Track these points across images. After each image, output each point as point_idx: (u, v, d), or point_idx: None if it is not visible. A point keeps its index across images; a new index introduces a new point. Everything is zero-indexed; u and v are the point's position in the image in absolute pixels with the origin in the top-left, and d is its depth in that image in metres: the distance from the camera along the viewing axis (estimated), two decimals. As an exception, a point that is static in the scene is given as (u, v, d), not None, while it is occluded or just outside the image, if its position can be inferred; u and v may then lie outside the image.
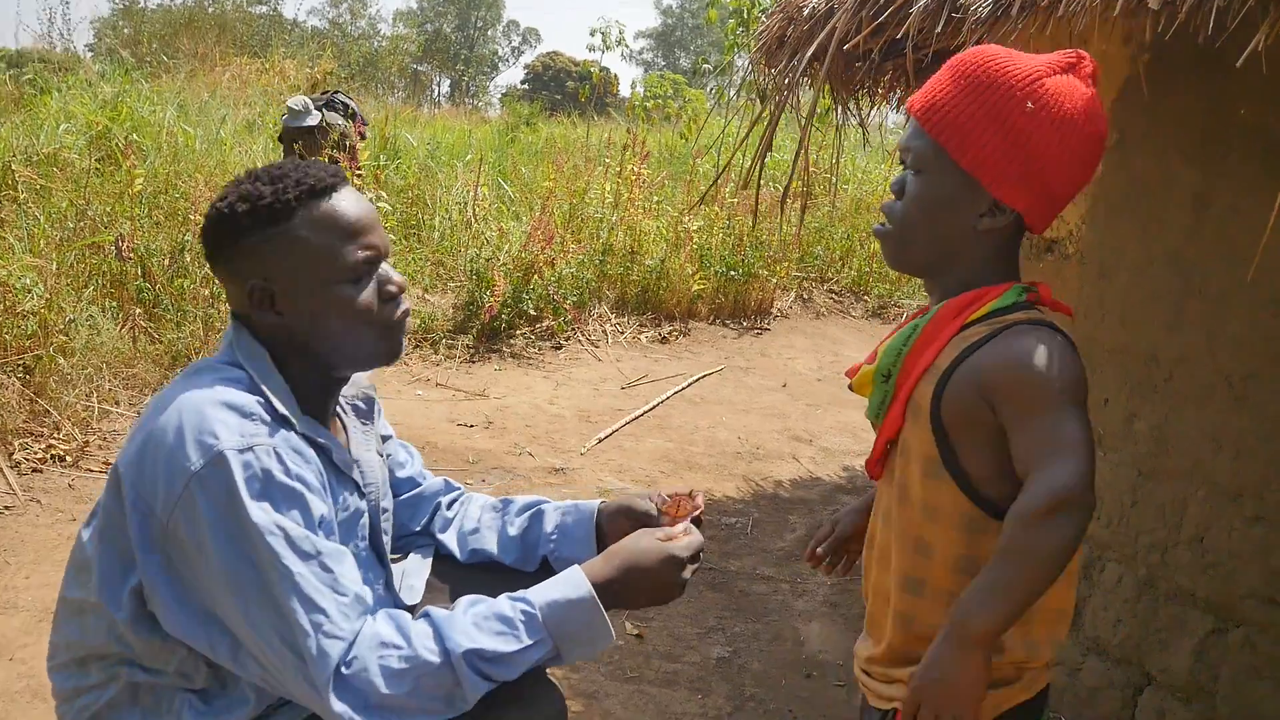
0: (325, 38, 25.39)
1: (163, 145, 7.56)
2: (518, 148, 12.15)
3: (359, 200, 1.46)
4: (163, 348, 5.17)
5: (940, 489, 1.33)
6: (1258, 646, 2.05)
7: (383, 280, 1.47)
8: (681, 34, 54.03)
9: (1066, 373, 1.25)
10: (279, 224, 1.40)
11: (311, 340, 1.44)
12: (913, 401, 1.36)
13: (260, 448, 1.31)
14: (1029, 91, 1.27)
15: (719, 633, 3.10)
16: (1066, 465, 1.20)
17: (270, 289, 1.42)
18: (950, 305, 1.35)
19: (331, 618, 1.28)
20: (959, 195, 1.32)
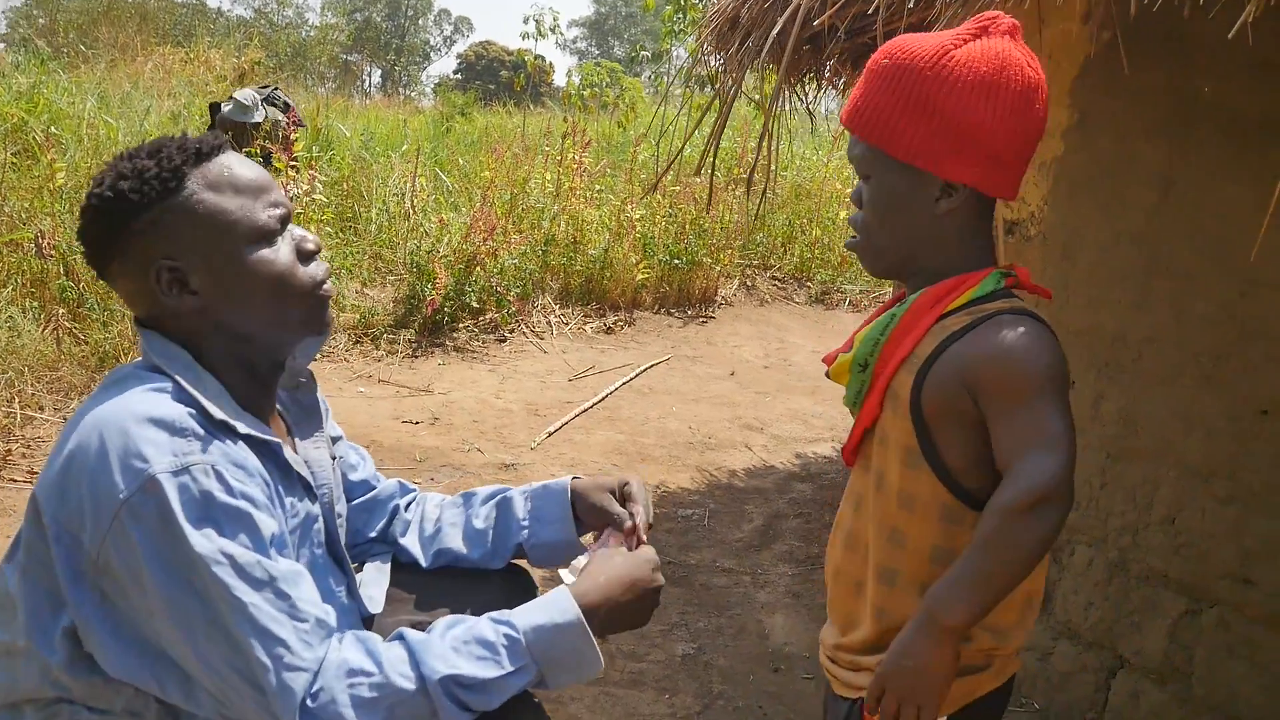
0: (251, 27, 24.78)
1: (83, 138, 7.28)
2: (454, 138, 11.96)
3: (248, 161, 1.34)
4: (89, 349, 4.96)
5: (918, 479, 1.30)
6: (1232, 626, 2.04)
7: (297, 239, 1.35)
8: (615, 22, 53.83)
9: (1049, 364, 1.23)
10: (172, 194, 1.26)
11: (233, 318, 1.31)
12: (891, 391, 1.33)
13: (196, 467, 1.18)
14: (938, 66, 1.25)
15: (682, 629, 3.04)
16: (1048, 459, 1.19)
17: (178, 267, 1.27)
18: (928, 293, 1.33)
19: (292, 648, 1.18)
20: (908, 188, 1.30)
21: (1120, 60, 2.29)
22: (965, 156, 1.26)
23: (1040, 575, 1.34)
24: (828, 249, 8.90)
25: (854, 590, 1.41)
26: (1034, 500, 1.17)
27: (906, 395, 1.30)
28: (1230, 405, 2.05)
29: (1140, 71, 2.24)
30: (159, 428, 1.19)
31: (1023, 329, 1.24)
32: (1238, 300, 2.04)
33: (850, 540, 1.42)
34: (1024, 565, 1.21)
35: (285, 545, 1.29)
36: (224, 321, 1.31)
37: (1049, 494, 1.18)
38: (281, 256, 1.32)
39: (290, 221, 1.36)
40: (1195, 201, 2.13)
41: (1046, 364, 1.22)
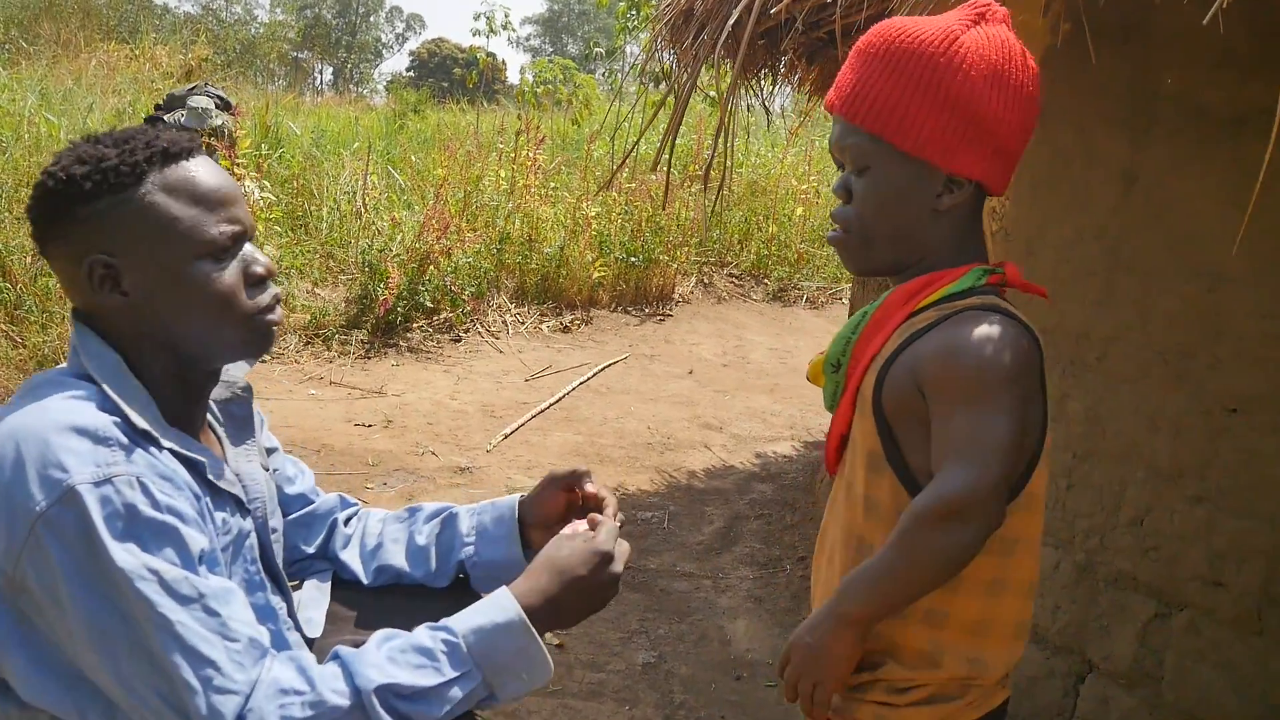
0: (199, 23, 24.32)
1: (23, 135, 7.07)
2: (406, 135, 11.79)
3: (218, 169, 1.25)
4: (27, 352, 4.80)
5: (881, 483, 1.24)
6: (1202, 630, 2.00)
7: (248, 260, 1.26)
8: (569, 19, 53.60)
9: (1003, 366, 1.14)
10: (126, 189, 1.18)
11: (163, 328, 1.22)
12: (860, 393, 1.27)
13: (120, 478, 1.09)
14: (951, 53, 1.17)
15: (642, 636, 2.96)
16: (969, 470, 1.12)
17: (113, 264, 1.19)
18: (901, 290, 1.26)
19: (222, 669, 1.08)
20: (911, 182, 1.22)
21: (1082, 53, 2.25)
22: (976, 149, 1.20)
23: (1027, 602, 1.28)
24: (784, 246, 8.88)
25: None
26: (944, 512, 1.12)
27: (870, 395, 1.24)
28: (1198, 403, 2.01)
29: (1101, 64, 2.20)
30: (80, 436, 1.10)
31: (983, 326, 1.16)
32: (1204, 296, 2.00)
33: (831, 552, 1.36)
34: (928, 575, 1.16)
35: (216, 562, 1.21)
36: (152, 330, 1.23)
37: (962, 507, 1.11)
38: (226, 277, 1.23)
39: (248, 240, 1.27)
40: (1159, 196, 2.09)
41: (999, 365, 1.14)
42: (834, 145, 1.28)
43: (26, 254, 5.26)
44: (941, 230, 1.24)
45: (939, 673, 1.24)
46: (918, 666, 1.25)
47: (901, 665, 1.26)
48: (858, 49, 1.25)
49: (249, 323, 1.26)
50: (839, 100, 1.24)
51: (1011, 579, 1.27)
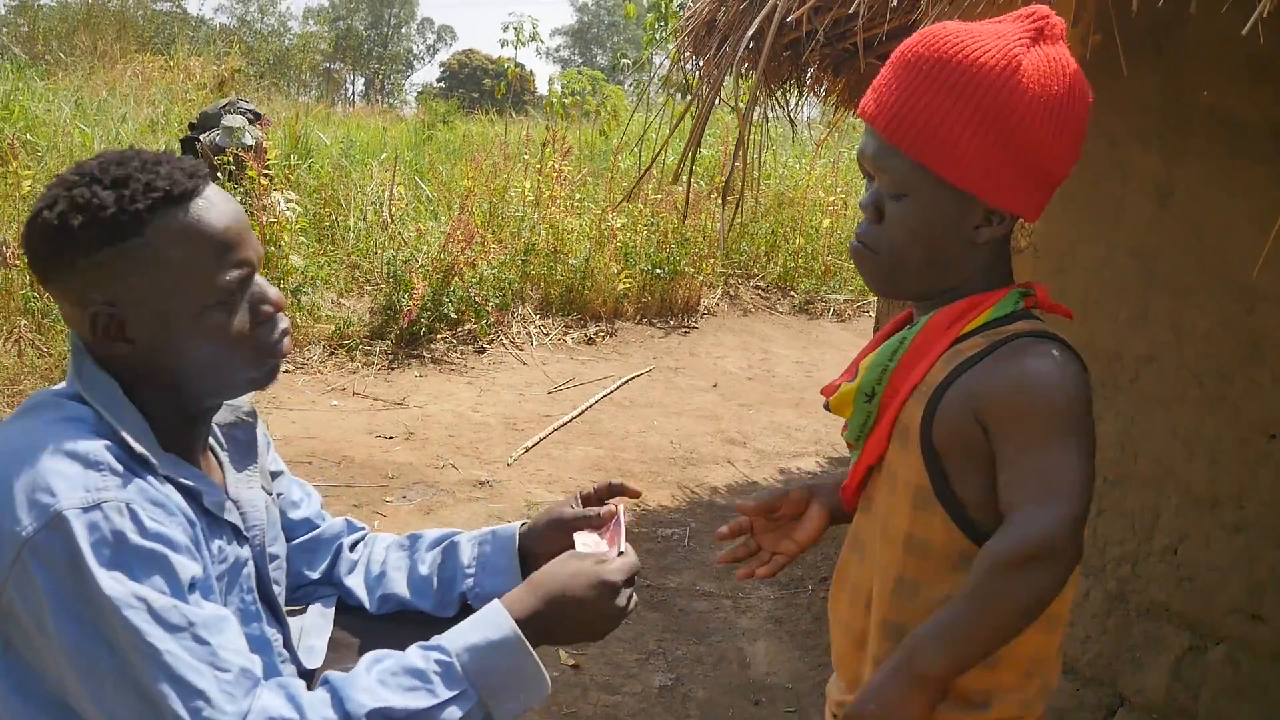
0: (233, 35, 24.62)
1: (58, 145, 7.15)
2: (435, 146, 11.83)
3: (225, 202, 1.19)
4: (51, 361, 4.81)
5: (930, 522, 1.17)
6: (1240, 665, 1.92)
7: (257, 299, 1.22)
8: (598, 31, 53.80)
9: (1073, 398, 1.09)
10: (127, 239, 1.13)
11: (172, 370, 1.19)
12: (899, 424, 1.19)
13: (109, 504, 1.05)
14: (1012, 81, 1.08)
15: (660, 658, 2.90)
16: (1053, 508, 1.05)
17: (119, 316, 1.15)
18: (942, 315, 1.18)
19: (212, 700, 1.04)
20: (953, 213, 1.14)
21: (1112, 65, 2.18)
22: (1024, 184, 1.13)
23: (1059, 633, 1.22)
24: (811, 258, 8.80)
25: (858, 645, 1.29)
26: (1031, 554, 1.05)
27: (916, 428, 1.16)
28: (1235, 428, 1.93)
29: (1134, 77, 2.13)
30: (70, 460, 1.07)
31: (1044, 356, 1.11)
32: (1242, 316, 1.92)
33: (855, 593, 1.29)
34: (1014, 622, 1.09)
35: (211, 591, 1.17)
36: (159, 370, 1.19)
37: (1049, 549, 1.05)
38: (237, 322, 1.19)
39: (256, 271, 1.23)
40: (1195, 213, 2.02)
41: (1069, 399, 1.09)
42: (867, 159, 1.18)
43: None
44: (974, 260, 1.18)
45: (988, 714, 1.18)
46: (968, 709, 1.19)
47: (952, 708, 1.20)
48: (905, 59, 1.15)
49: (258, 360, 1.23)
50: (881, 116, 1.15)
51: (1059, 612, 1.21)
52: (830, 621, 1.38)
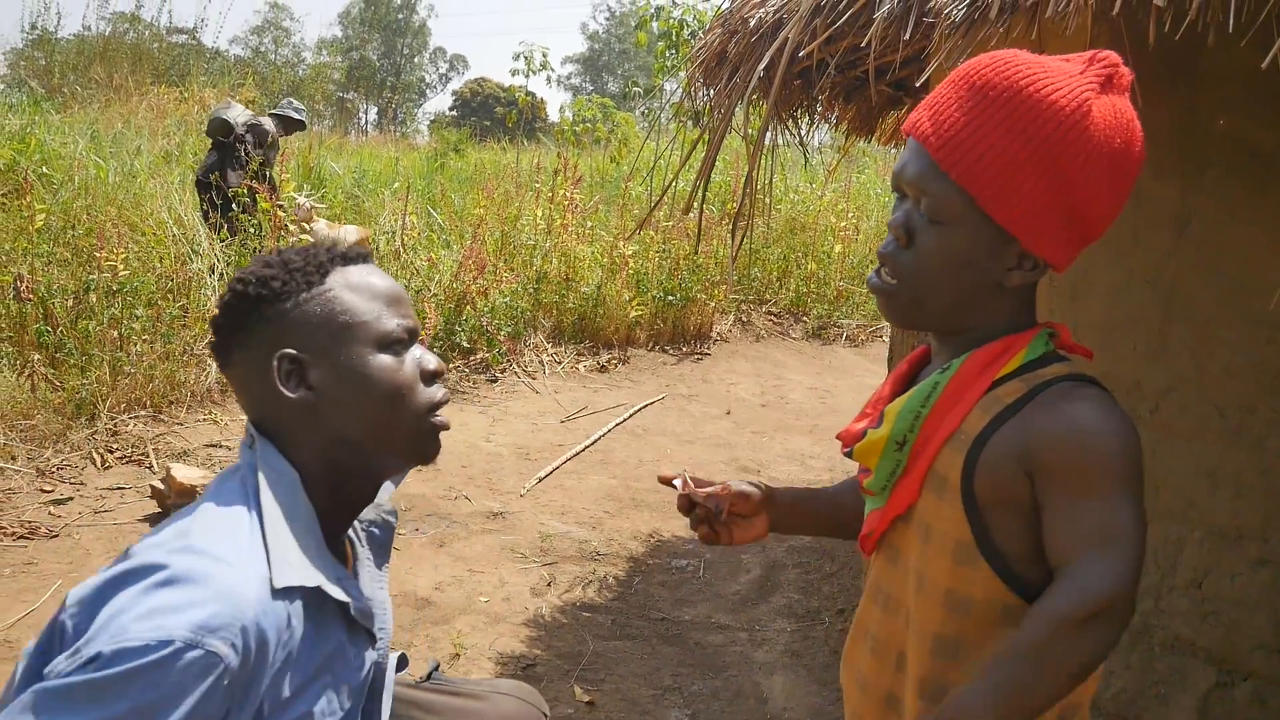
0: (248, 66, 24.85)
1: (73, 178, 7.20)
2: (447, 175, 11.90)
3: (387, 275, 1.31)
4: (65, 395, 4.81)
5: (973, 577, 1.12)
6: (1268, 702, 1.88)
7: (420, 358, 1.28)
8: (608, 59, 54.13)
9: (1124, 446, 1.05)
10: (312, 287, 1.23)
11: (343, 423, 1.22)
12: (934, 473, 1.14)
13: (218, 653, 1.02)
14: (1081, 129, 1.04)
15: (676, 693, 2.87)
16: (1113, 564, 1.01)
17: (301, 359, 1.21)
18: (975, 359, 1.14)
19: None
20: (988, 250, 1.10)
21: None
22: (1066, 234, 1.09)
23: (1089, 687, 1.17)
24: (823, 283, 8.78)
25: (884, 704, 1.24)
26: (1092, 611, 1.00)
27: (956, 479, 1.11)
28: (1259, 461, 1.90)
29: (1150, 106, 2.12)
30: (214, 596, 1.04)
31: (1091, 403, 1.06)
32: (1263, 347, 1.90)
33: (879, 648, 1.24)
34: (1070, 683, 1.03)
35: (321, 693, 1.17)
36: (332, 426, 1.22)
37: (1110, 605, 1.00)
38: (405, 369, 1.25)
39: (417, 340, 1.30)
40: (1213, 242, 1.99)
41: (1124, 448, 1.05)
42: (908, 178, 1.13)
43: (69, 296, 5.31)
44: (1001, 303, 1.15)
45: None
46: None
47: None
48: (971, 81, 1.10)
49: (423, 418, 1.26)
50: (936, 136, 1.09)
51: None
52: (844, 676, 1.34)
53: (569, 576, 3.66)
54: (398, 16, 47.85)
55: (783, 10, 2.14)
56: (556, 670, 2.94)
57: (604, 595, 3.53)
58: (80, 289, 5.36)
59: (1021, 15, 1.54)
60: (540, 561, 3.77)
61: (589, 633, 3.19)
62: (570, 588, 3.56)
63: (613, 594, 3.55)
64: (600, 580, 3.64)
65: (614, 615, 3.36)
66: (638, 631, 3.25)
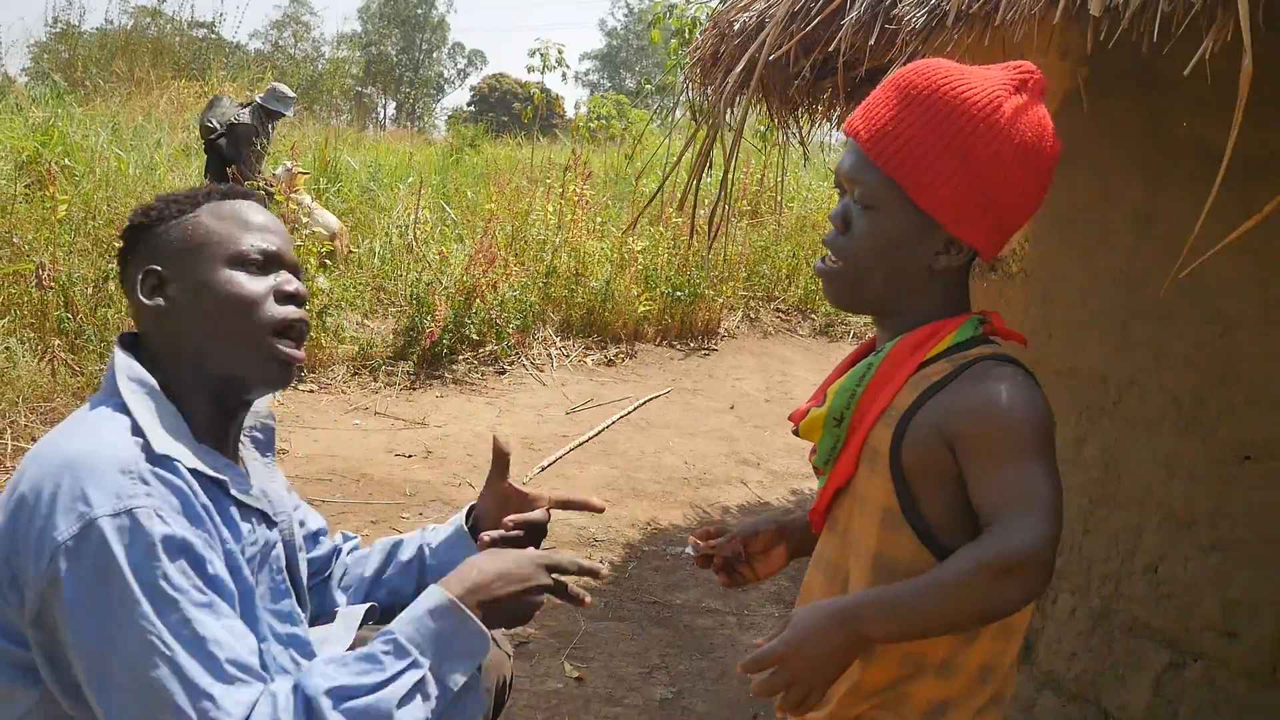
0: (268, 61, 25.05)
1: (94, 170, 7.35)
2: (462, 170, 12.01)
3: (269, 214, 1.43)
4: (84, 380, 4.95)
5: (898, 542, 1.21)
6: (1216, 681, 1.97)
7: (281, 281, 1.38)
8: (626, 55, 54.20)
9: (1036, 417, 1.15)
10: (183, 214, 1.37)
11: (194, 334, 1.33)
12: (868, 447, 1.24)
13: (140, 510, 1.15)
14: (991, 121, 1.16)
15: (662, 672, 2.97)
16: (1034, 525, 1.09)
17: (161, 274, 1.34)
18: (906, 342, 1.24)
19: (219, 702, 1.13)
20: (915, 234, 1.22)
21: (1098, 97, 2.26)
22: (985, 220, 1.20)
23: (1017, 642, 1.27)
24: (832, 281, 8.85)
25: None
26: (1009, 566, 1.08)
27: (886, 451, 1.21)
28: (1211, 450, 1.99)
29: (1117, 108, 2.21)
30: (106, 467, 1.17)
31: (1009, 379, 1.16)
32: (1217, 341, 1.98)
33: None
34: (970, 622, 1.14)
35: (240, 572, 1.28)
36: (183, 335, 1.33)
37: (1028, 562, 1.08)
38: (249, 284, 1.34)
39: (284, 268, 1.40)
40: (1175, 240, 2.07)
41: (1034, 417, 1.14)
42: (844, 172, 1.25)
43: (89, 285, 5.45)
44: (933, 286, 1.25)
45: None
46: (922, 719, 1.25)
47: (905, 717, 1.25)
48: (899, 84, 1.22)
49: (263, 338, 1.34)
50: (866, 132, 1.22)
51: (1018, 622, 1.26)
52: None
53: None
54: (416, 11, 48.05)
55: (764, 14, 2.23)
56: (548, 648, 3.04)
57: (598, 579, 3.63)
58: (99, 278, 5.51)
59: (977, 23, 1.63)
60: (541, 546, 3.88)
61: (582, 613, 3.29)
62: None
63: (608, 578, 3.65)
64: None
65: (607, 598, 3.47)
66: (629, 613, 3.36)
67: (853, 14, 1.86)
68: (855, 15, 1.85)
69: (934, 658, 1.22)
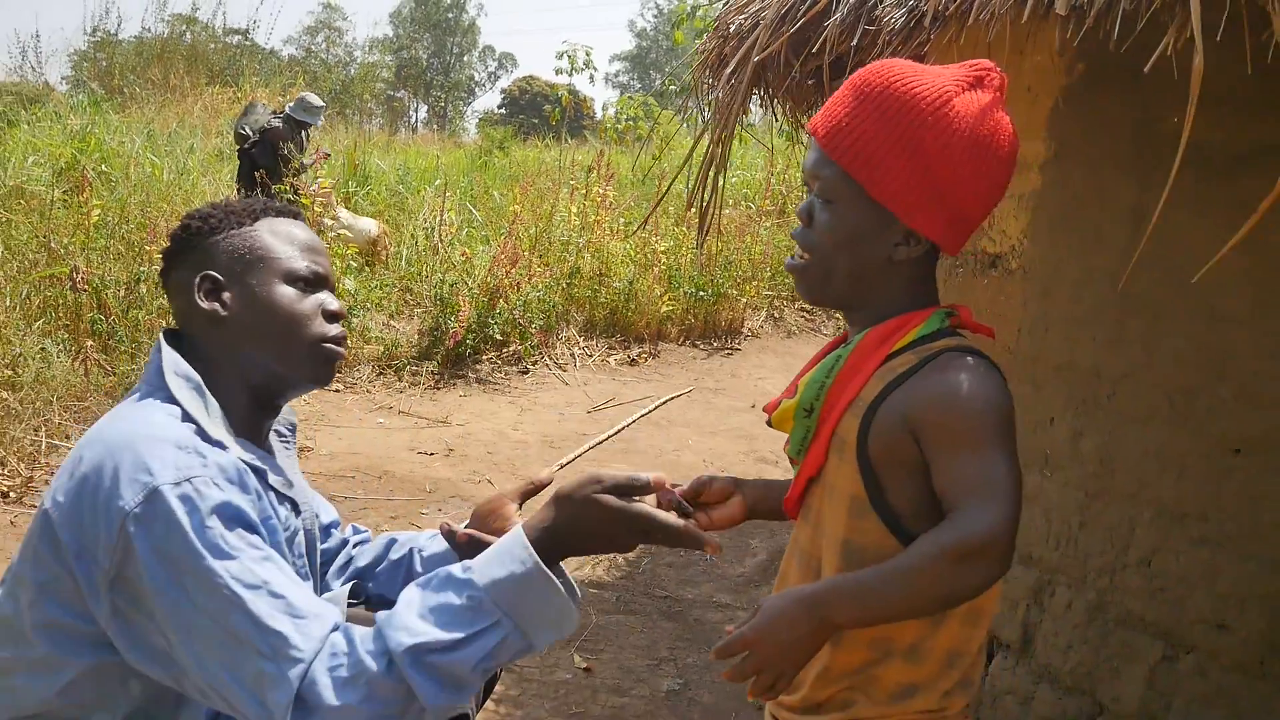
0: (300, 66, 25.35)
1: (130, 175, 7.50)
2: (490, 173, 12.11)
3: (311, 232, 1.56)
4: (115, 380, 5.07)
5: (866, 529, 1.25)
6: (1208, 674, 1.98)
7: (325, 300, 1.51)
8: (656, 56, 54.21)
9: (996, 407, 1.18)
10: (241, 226, 1.48)
11: (247, 341, 1.44)
12: (837, 437, 1.28)
13: (198, 479, 1.26)
14: (939, 115, 1.21)
15: (670, 664, 3.01)
16: (993, 510, 1.13)
17: (218, 280, 1.45)
18: (873, 334, 1.28)
19: (290, 638, 1.20)
20: (872, 226, 1.25)
21: (1092, 93, 2.27)
22: (939, 212, 1.23)
23: (984, 629, 1.30)
24: (856, 280, 8.84)
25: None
26: (969, 551, 1.11)
27: (853, 440, 1.25)
28: (1202, 444, 2.00)
29: (1110, 105, 2.22)
30: (165, 444, 1.28)
31: (968, 369, 1.20)
32: (1207, 335, 1.99)
33: None
34: (933, 607, 1.18)
35: (280, 549, 1.37)
36: (237, 340, 1.44)
37: (987, 548, 1.12)
38: (302, 303, 1.47)
39: (327, 288, 1.53)
40: (1165, 235, 2.09)
41: (993, 407, 1.18)
42: (807, 170, 1.30)
43: (121, 288, 5.58)
44: (896, 279, 1.28)
45: (913, 704, 1.27)
46: (891, 702, 1.28)
47: (874, 702, 1.29)
48: (853, 82, 1.27)
49: (315, 347, 1.48)
50: (824, 129, 1.27)
51: (985, 607, 1.29)
52: None
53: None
54: (447, 15, 48.38)
55: (757, 16, 2.27)
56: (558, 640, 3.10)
57: (612, 574, 3.69)
58: (131, 280, 5.64)
59: (953, 23, 1.66)
60: (554, 542, 3.94)
61: (593, 607, 3.34)
62: (580, 565, 3.72)
63: (620, 573, 3.70)
64: (609, 560, 3.80)
65: (619, 592, 3.52)
66: (640, 607, 3.40)
67: (836, 15, 1.90)
68: (839, 16, 1.89)
69: (902, 642, 1.26)
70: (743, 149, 11.45)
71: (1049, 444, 2.34)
